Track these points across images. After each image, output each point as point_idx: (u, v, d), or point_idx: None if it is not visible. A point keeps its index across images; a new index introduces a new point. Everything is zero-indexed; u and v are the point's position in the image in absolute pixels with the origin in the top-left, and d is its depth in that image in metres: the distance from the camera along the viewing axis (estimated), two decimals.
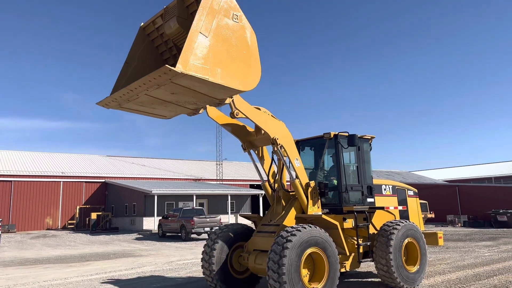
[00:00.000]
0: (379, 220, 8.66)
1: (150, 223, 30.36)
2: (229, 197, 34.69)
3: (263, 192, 34.75)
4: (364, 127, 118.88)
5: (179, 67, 4.97)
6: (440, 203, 35.22)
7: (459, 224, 31.98)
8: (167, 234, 26.22)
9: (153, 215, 29.97)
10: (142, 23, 6.88)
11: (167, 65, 4.86)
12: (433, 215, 31.94)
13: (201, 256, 7.95)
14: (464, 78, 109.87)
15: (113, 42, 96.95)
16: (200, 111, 6.84)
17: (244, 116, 7.10)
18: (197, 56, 5.28)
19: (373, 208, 8.44)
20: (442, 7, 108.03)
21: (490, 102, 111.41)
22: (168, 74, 5.06)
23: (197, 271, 11.07)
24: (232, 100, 6.85)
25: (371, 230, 8.39)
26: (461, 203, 35.16)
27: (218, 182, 42.44)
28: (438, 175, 64.33)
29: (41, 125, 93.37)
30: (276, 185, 8.25)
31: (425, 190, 37.92)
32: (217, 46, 5.57)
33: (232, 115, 7.05)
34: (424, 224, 31.29)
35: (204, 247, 7.97)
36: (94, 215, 32.62)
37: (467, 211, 33.93)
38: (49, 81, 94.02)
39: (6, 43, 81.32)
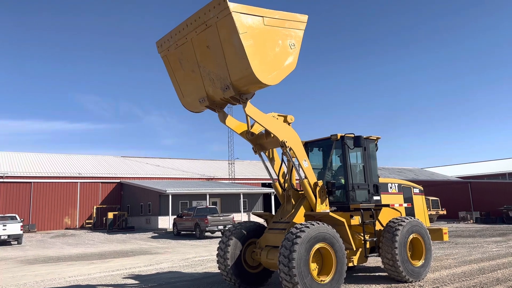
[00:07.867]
0: (385, 217, 9.06)
1: (165, 222, 31.11)
2: (242, 195, 35.25)
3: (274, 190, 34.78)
4: (375, 125, 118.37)
5: (230, 5, 5.83)
6: (453, 199, 35.26)
7: (471, 221, 31.98)
8: (182, 232, 26.91)
9: (167, 214, 30.71)
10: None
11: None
12: (444, 212, 32.07)
13: (216, 253, 8.45)
14: (476, 73, 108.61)
15: (131, 44, 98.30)
16: (204, 106, 7.39)
17: (254, 121, 7.57)
18: (247, 24, 6.02)
19: (378, 206, 8.86)
20: (457, 2, 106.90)
21: (503, 97, 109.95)
22: (221, 6, 5.86)
23: (213, 267, 11.61)
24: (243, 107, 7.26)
25: (378, 227, 8.78)
26: (474, 200, 35.12)
27: (230, 181, 43.03)
28: (451, 171, 63.92)
29: (57, 127, 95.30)
30: (286, 184, 8.70)
31: (438, 187, 37.98)
32: (262, 43, 6.28)
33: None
34: (436, 220, 31.66)
35: (219, 244, 8.47)
36: (110, 215, 33.56)
37: (480, 208, 33.88)
38: (65, 82, 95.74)
39: (25, 44, 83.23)
